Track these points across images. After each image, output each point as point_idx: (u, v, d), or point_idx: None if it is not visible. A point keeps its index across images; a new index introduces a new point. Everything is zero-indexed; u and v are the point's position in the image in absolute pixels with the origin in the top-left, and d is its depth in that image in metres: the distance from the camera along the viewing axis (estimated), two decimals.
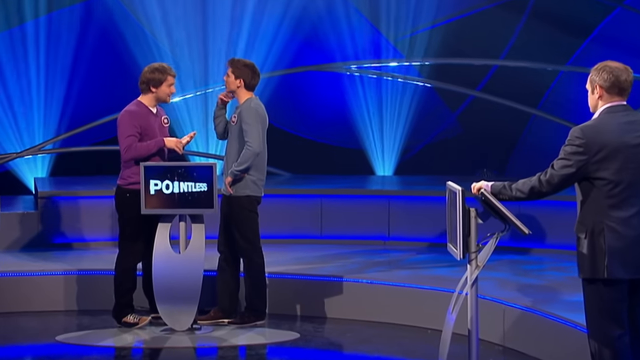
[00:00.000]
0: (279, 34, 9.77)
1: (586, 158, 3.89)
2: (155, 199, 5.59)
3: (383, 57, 9.93)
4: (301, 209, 8.14)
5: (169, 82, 5.85)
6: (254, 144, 5.82)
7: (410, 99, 9.90)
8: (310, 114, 10.16)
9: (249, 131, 5.82)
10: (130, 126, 5.75)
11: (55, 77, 9.54)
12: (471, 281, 4.30)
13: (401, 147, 9.96)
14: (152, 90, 5.81)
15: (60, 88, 9.57)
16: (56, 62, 9.53)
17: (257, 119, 5.87)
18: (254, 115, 5.87)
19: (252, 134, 5.82)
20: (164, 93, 5.84)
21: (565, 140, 3.95)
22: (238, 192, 5.90)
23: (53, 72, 9.53)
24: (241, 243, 5.94)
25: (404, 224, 8.00)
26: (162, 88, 5.83)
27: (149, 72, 5.83)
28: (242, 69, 5.92)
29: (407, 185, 8.92)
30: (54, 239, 7.82)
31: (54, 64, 9.53)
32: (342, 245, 7.90)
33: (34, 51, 9.48)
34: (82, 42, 9.57)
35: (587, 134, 3.91)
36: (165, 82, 5.83)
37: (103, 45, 9.63)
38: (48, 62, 9.51)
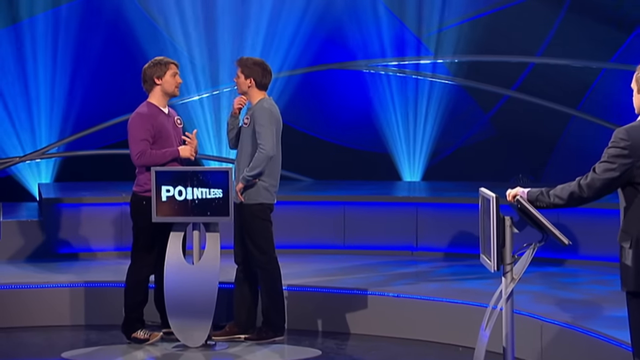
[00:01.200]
0: (299, 30, 9.81)
1: (631, 161, 3.87)
2: (167, 206, 5.62)
3: (410, 55, 9.94)
4: (323, 217, 8.16)
5: (173, 71, 5.87)
6: (267, 146, 5.83)
7: (439, 99, 9.89)
8: (332, 115, 10.18)
9: (262, 133, 5.84)
10: (143, 129, 5.78)
11: (60, 76, 9.62)
12: (506, 295, 4.29)
13: (430, 150, 9.96)
14: (157, 83, 5.84)
15: (65, 87, 9.64)
16: (61, 60, 9.60)
17: (271, 121, 5.89)
18: (268, 116, 5.89)
19: (266, 136, 5.84)
20: (170, 84, 5.87)
21: (609, 143, 3.94)
22: (249, 199, 5.91)
23: (58, 71, 9.61)
24: (255, 253, 5.96)
25: (433, 233, 8.00)
26: (167, 78, 5.86)
27: (149, 67, 5.88)
28: (252, 67, 5.94)
29: (436, 192, 8.91)
30: (59, 248, 7.88)
31: (58, 61, 9.60)
32: (367, 256, 7.90)
33: (37, 48, 9.56)
34: (89, 38, 9.64)
35: (633, 135, 3.90)
36: (169, 71, 5.86)
37: (111, 41, 9.71)
38: (52, 59, 9.58)
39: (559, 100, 9.74)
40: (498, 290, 4.36)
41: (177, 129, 6.01)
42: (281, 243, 7.61)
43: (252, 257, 5.98)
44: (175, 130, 5.99)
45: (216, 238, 5.73)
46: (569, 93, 9.81)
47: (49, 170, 9.70)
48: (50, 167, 9.70)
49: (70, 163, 9.75)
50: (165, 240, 5.76)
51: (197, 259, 5.76)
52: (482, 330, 4.38)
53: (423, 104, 9.91)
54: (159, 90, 5.89)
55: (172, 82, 5.89)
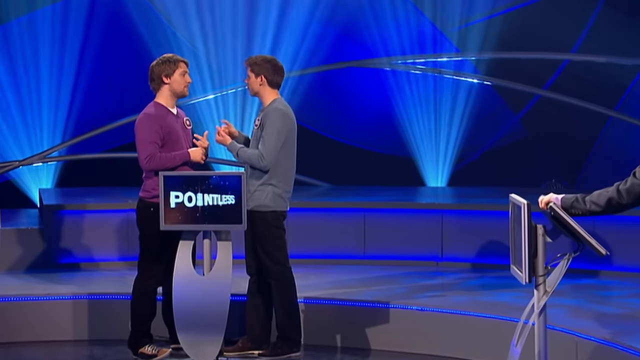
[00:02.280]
0: (311, 24, 9.81)
1: None
2: (176, 213, 5.64)
3: (434, 51, 9.92)
4: (341, 225, 8.15)
5: (182, 70, 5.89)
6: (267, 157, 5.83)
7: (465, 98, 9.87)
8: (350, 116, 10.18)
9: (267, 141, 5.83)
10: (151, 131, 5.80)
11: (62, 75, 9.65)
12: (539, 309, 4.28)
13: (456, 154, 9.94)
14: (165, 82, 5.85)
15: (68, 87, 9.66)
16: (63, 57, 9.63)
17: (282, 128, 5.87)
18: (280, 120, 5.88)
19: (269, 145, 5.83)
20: (179, 83, 5.88)
21: None
22: (260, 206, 5.93)
23: (59, 69, 9.64)
24: (268, 264, 5.97)
25: (459, 242, 7.98)
26: (175, 77, 5.87)
27: (157, 64, 5.89)
28: (262, 64, 5.95)
29: (463, 198, 8.89)
30: (60, 258, 7.91)
31: (59, 59, 9.63)
32: (388, 267, 7.90)
33: (35, 45, 9.59)
34: (91, 34, 9.67)
35: None
36: (178, 70, 5.87)
37: (115, 38, 9.74)
38: (52, 57, 9.61)
39: (595, 100, 9.70)
40: (530, 304, 4.35)
41: (186, 131, 6.02)
42: (296, 253, 7.62)
43: (265, 267, 5.99)
44: (185, 131, 6.00)
45: (228, 247, 5.74)
46: (606, 92, 9.77)
47: (50, 174, 9.73)
48: (51, 172, 9.74)
49: (73, 167, 9.78)
50: (174, 250, 5.78)
51: (207, 270, 5.77)
52: (512, 347, 4.37)
53: (448, 104, 9.89)
54: (167, 90, 5.91)
55: (181, 82, 5.91)
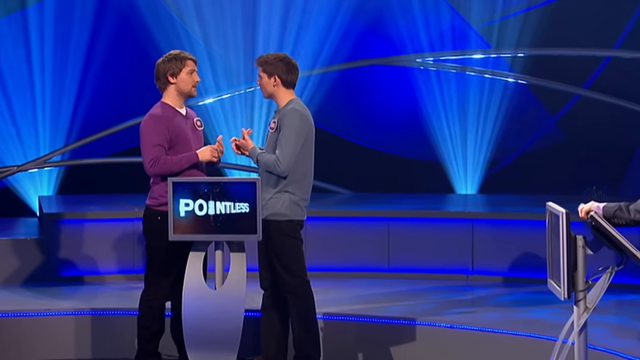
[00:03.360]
0: (336, 19, 9.81)
1: None
2: (185, 222, 5.64)
3: (465, 48, 9.90)
4: (363, 235, 8.14)
5: (189, 68, 5.88)
6: (284, 163, 5.82)
7: (499, 98, 9.85)
8: (374, 118, 10.18)
9: (285, 145, 5.82)
10: (156, 134, 5.80)
11: (64, 74, 9.69)
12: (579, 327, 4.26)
13: (488, 158, 9.92)
14: (171, 82, 5.86)
15: (70, 87, 9.70)
16: (65, 56, 9.67)
17: (300, 131, 5.87)
18: (298, 123, 5.87)
19: (287, 149, 5.82)
20: (186, 83, 5.88)
21: None
22: (276, 215, 5.92)
23: (62, 68, 9.69)
24: (284, 277, 5.96)
25: (491, 254, 7.96)
26: (182, 76, 5.87)
27: (163, 62, 5.89)
28: (274, 63, 5.94)
29: (495, 206, 8.87)
30: (61, 270, 7.93)
31: (61, 57, 9.67)
32: (415, 280, 7.88)
33: (37, 42, 9.64)
34: (97, 31, 9.71)
35: None
36: (185, 68, 5.87)
37: (122, 35, 9.77)
38: (55, 56, 9.66)
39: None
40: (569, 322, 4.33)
41: (197, 133, 6.02)
42: (314, 265, 7.61)
43: (281, 281, 5.99)
44: (195, 133, 6.00)
45: (242, 259, 5.74)
46: None
47: (51, 181, 9.77)
48: (52, 178, 9.77)
49: (75, 173, 9.82)
50: (183, 262, 5.78)
51: (219, 283, 5.77)
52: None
53: (480, 105, 9.86)
54: (174, 90, 5.91)
55: (189, 81, 5.91)
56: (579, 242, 4.23)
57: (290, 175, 5.91)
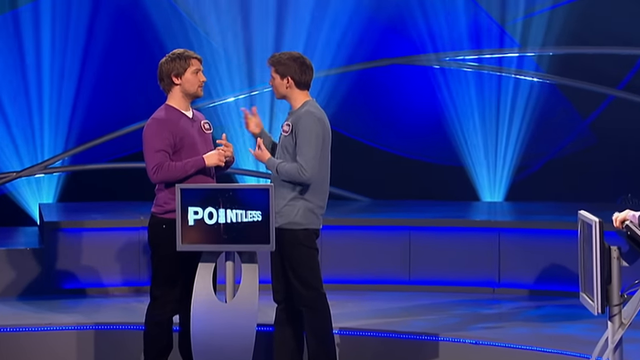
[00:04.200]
0: (354, 17, 9.81)
1: None
2: (194, 231, 5.64)
3: (490, 46, 9.89)
4: (383, 245, 8.13)
5: (195, 68, 5.88)
6: (308, 170, 5.81)
7: (526, 100, 9.82)
8: (394, 121, 10.17)
9: (305, 150, 5.82)
10: (160, 138, 5.80)
11: (64, 76, 9.70)
12: (613, 344, 4.24)
13: (515, 164, 9.90)
14: (175, 83, 5.86)
15: (71, 88, 9.71)
16: (65, 56, 9.68)
17: (319, 133, 5.86)
18: (314, 126, 5.86)
19: (308, 154, 5.81)
20: (191, 83, 5.88)
21: None
22: (291, 223, 5.92)
23: (61, 69, 9.70)
24: (299, 289, 5.96)
25: (519, 265, 7.94)
26: (187, 77, 5.87)
27: (166, 61, 5.90)
28: (287, 63, 5.94)
29: (523, 215, 8.84)
30: (63, 283, 7.95)
31: (61, 57, 9.68)
32: (437, 293, 7.87)
33: (33, 41, 9.66)
34: (98, 28, 9.72)
35: None
36: (190, 68, 5.88)
37: (125, 33, 9.79)
38: (54, 55, 9.67)
39: None
40: (603, 338, 4.31)
41: (204, 136, 6.01)
42: (331, 277, 7.61)
43: (295, 293, 5.98)
44: (203, 137, 6.00)
45: (254, 270, 5.74)
46: None
47: (51, 187, 9.79)
48: (52, 184, 9.79)
49: (78, 179, 9.83)
50: (192, 273, 5.79)
51: (230, 296, 5.77)
52: None
53: (506, 107, 9.84)
54: (179, 91, 5.92)
55: (194, 81, 5.91)
56: (614, 253, 4.21)
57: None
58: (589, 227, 4.28)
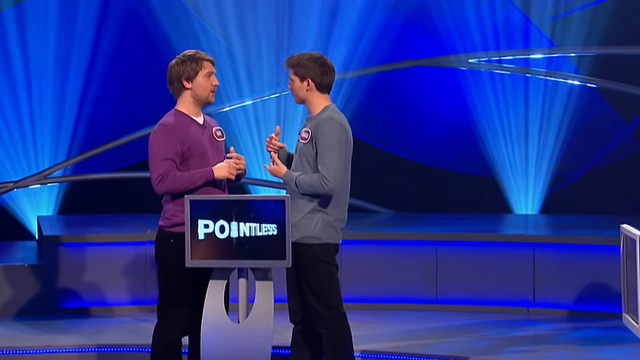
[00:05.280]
0: (373, 14, 9.82)
1: None
2: (205, 246, 5.64)
3: (524, 46, 9.88)
4: (407, 261, 8.13)
5: (207, 71, 5.88)
6: (331, 179, 5.79)
7: (563, 104, 9.80)
8: (419, 127, 10.16)
9: (328, 159, 5.81)
10: (167, 146, 5.80)
11: (67, 79, 9.74)
12: None
13: (551, 173, 9.88)
14: (186, 87, 5.86)
15: (74, 94, 9.75)
16: (68, 58, 9.71)
17: (341, 140, 5.86)
18: (337, 133, 5.85)
19: (332, 163, 5.80)
20: (203, 87, 5.88)
21: None
22: (308, 237, 5.91)
23: (64, 72, 9.74)
24: (317, 308, 5.95)
25: (556, 284, 7.92)
26: (199, 80, 5.86)
27: (177, 64, 5.89)
28: (307, 65, 5.93)
29: (559, 229, 8.82)
30: (64, 301, 7.96)
31: (64, 60, 9.72)
32: (467, 314, 7.87)
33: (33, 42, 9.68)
34: (103, 28, 9.76)
35: None
36: (201, 71, 5.87)
37: (131, 33, 9.82)
38: (57, 58, 9.70)
39: None
40: None
41: (216, 144, 6.01)
42: (351, 295, 7.61)
43: (313, 313, 5.98)
44: (214, 145, 5.99)
45: (269, 288, 5.74)
46: None
47: (51, 199, 9.81)
48: (53, 195, 9.81)
49: (79, 190, 9.85)
50: (202, 291, 5.79)
51: (243, 316, 5.77)
52: None
53: (541, 112, 9.82)
54: (189, 96, 5.92)
55: (206, 86, 5.91)
56: None
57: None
58: (632, 242, 4.27)
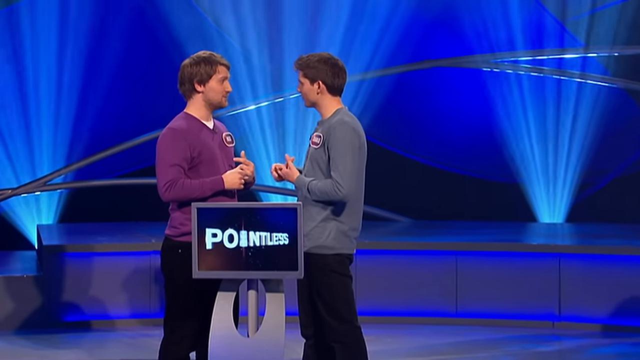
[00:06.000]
0: (394, 14, 9.83)
1: None
2: (213, 256, 5.63)
3: (550, 46, 9.86)
4: (426, 272, 8.12)
5: (221, 76, 5.87)
6: (344, 186, 5.78)
7: (591, 107, 9.79)
8: (439, 131, 10.15)
9: (341, 165, 5.79)
10: (175, 151, 5.79)
11: (67, 81, 9.76)
12: None
13: (577, 180, 9.88)
14: (198, 90, 5.86)
15: (74, 95, 9.77)
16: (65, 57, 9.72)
17: (355, 145, 5.85)
18: (350, 137, 5.84)
19: (345, 170, 5.78)
20: (216, 92, 5.87)
21: None
22: (321, 247, 5.90)
23: (61, 72, 9.74)
24: (330, 322, 5.93)
25: (582, 296, 7.89)
26: (212, 85, 5.85)
27: (190, 65, 5.88)
28: (317, 66, 5.92)
29: (586, 239, 8.80)
30: (65, 314, 7.97)
31: (62, 59, 9.72)
32: (489, 328, 7.85)
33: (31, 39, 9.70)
34: (106, 29, 9.78)
35: None
36: (215, 75, 5.86)
37: (136, 31, 9.83)
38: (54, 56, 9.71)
39: None
40: None
41: (225, 150, 6.00)
42: (366, 308, 7.62)
43: (326, 327, 5.97)
44: (224, 151, 5.99)
45: (280, 301, 5.73)
46: None
47: (51, 207, 9.82)
48: (53, 203, 9.82)
49: (81, 197, 9.86)
50: (210, 304, 5.80)
51: (253, 330, 5.77)
52: None
53: (568, 115, 9.81)
54: (200, 99, 5.92)
55: (219, 90, 5.90)
56: None
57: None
58: None
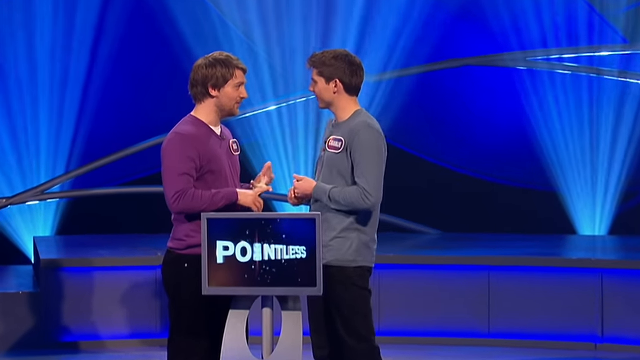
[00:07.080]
0: (414, 8, 9.83)
1: None
2: (224, 271, 5.63)
3: (590, 43, 9.87)
4: (455, 288, 8.10)
5: (238, 81, 5.86)
6: (373, 194, 5.75)
7: (635, 109, 9.78)
8: (468, 135, 10.15)
9: (367, 170, 5.76)
10: (184, 159, 5.78)
11: (66, 84, 9.78)
12: None
13: (621, 188, 9.85)
14: (211, 95, 5.84)
15: (73, 98, 9.79)
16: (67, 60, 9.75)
17: (381, 149, 5.83)
18: (376, 141, 5.81)
19: (372, 175, 5.75)
20: (230, 98, 5.86)
21: None
22: (342, 260, 5.87)
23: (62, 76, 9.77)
24: (347, 340, 5.90)
25: (627, 315, 7.87)
26: (227, 90, 5.84)
27: (205, 66, 5.86)
28: (333, 64, 5.88)
29: (631, 252, 8.78)
30: (62, 334, 7.95)
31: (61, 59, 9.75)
32: (524, 349, 7.84)
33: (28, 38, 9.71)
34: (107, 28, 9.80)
35: None
36: (232, 80, 5.85)
37: (140, 30, 9.86)
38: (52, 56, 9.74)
39: None
40: None
41: (232, 158, 6.01)
42: (387, 327, 7.63)
43: (344, 346, 5.95)
44: (231, 160, 5.99)
45: (297, 319, 5.71)
46: None
47: (48, 217, 9.84)
48: (50, 213, 9.84)
49: (80, 207, 9.88)
50: (220, 323, 5.78)
51: (268, 351, 5.76)
52: None
53: (610, 117, 9.82)
54: (212, 104, 5.89)
55: (234, 97, 5.88)
56: None
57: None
58: None
